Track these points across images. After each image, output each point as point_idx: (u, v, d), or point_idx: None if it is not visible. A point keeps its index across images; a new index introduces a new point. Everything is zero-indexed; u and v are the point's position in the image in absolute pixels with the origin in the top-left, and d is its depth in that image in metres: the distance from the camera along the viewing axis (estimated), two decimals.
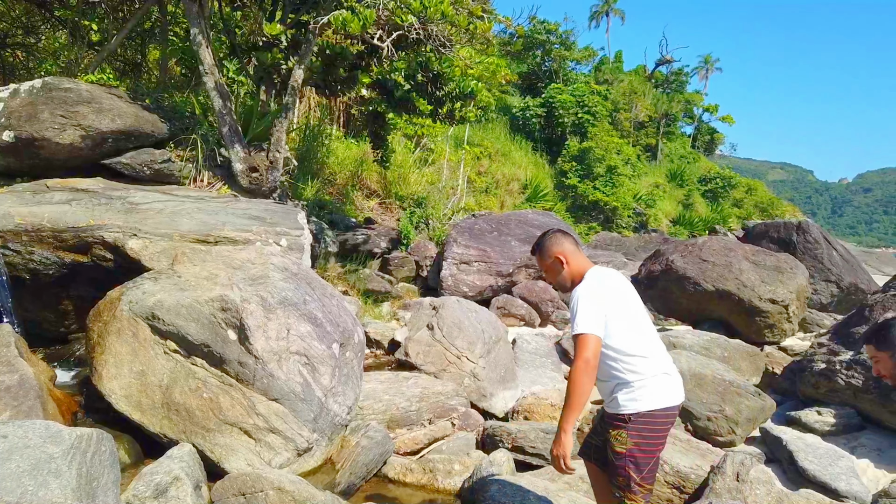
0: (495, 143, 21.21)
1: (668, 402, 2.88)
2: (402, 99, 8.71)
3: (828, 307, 11.03)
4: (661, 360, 2.95)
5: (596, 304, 2.83)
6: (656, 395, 2.85)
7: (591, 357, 2.72)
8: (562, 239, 3.13)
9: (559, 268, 3.08)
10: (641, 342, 2.91)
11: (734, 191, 29.57)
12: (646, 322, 3.03)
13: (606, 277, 3.01)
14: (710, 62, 44.61)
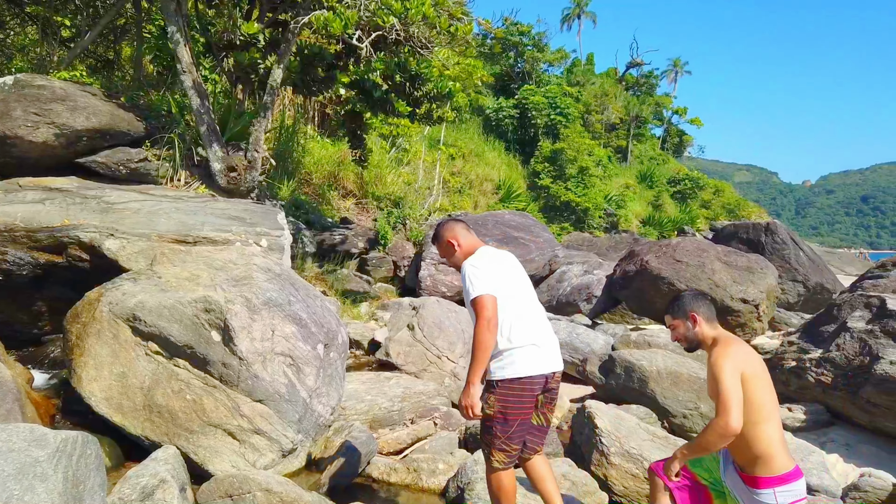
0: (469, 143, 21.30)
1: (532, 371, 3.11)
2: (380, 99, 8.69)
3: (795, 306, 11.32)
4: (534, 332, 3.18)
5: (483, 272, 3.13)
6: (522, 364, 3.09)
7: (492, 315, 3.01)
8: (454, 225, 3.49)
9: (452, 250, 3.40)
10: (517, 313, 3.15)
11: (702, 192, 30.11)
12: (527, 295, 3.31)
13: (492, 254, 3.34)
14: (680, 65, 45.36)
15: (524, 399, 3.11)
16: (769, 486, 2.76)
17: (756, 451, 2.77)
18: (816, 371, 5.85)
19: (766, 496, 2.77)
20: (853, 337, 5.78)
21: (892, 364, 5.18)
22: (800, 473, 2.82)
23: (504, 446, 3.12)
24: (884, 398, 5.22)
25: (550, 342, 3.26)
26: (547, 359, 3.18)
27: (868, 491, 4.58)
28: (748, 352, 2.92)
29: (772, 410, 2.82)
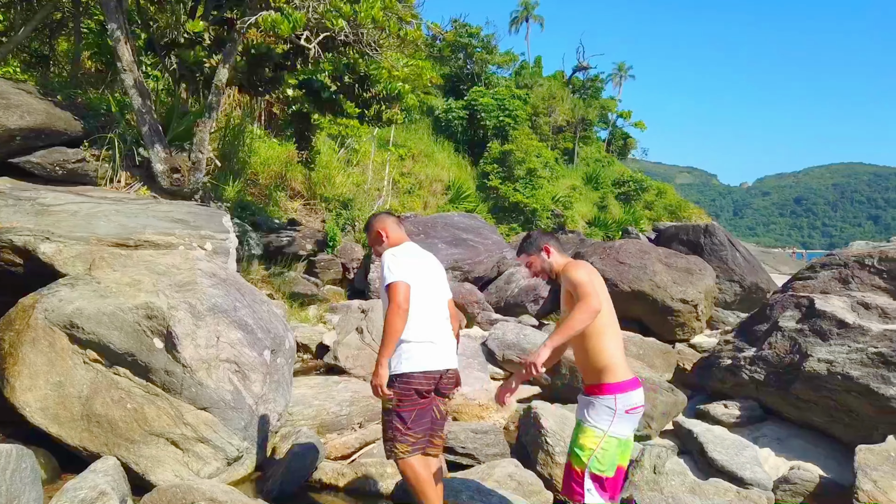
0: (419, 144, 21.32)
1: (426, 367, 3.29)
2: (328, 100, 8.62)
3: (732, 305, 11.77)
4: (433, 330, 3.37)
5: (401, 261, 3.31)
6: (417, 360, 3.27)
7: (403, 301, 3.18)
8: (385, 217, 3.69)
9: (381, 240, 3.59)
10: (422, 310, 3.31)
11: (645, 194, 30.88)
12: (438, 296, 3.51)
13: (415, 250, 3.56)
14: (624, 69, 46.48)
15: (419, 392, 3.29)
16: (611, 392, 3.02)
17: (602, 362, 3.06)
18: (750, 369, 6.11)
19: (607, 401, 3.02)
20: (784, 336, 6.06)
21: (819, 362, 5.46)
22: (638, 384, 3.11)
23: (405, 437, 3.30)
24: (812, 394, 5.50)
25: (447, 341, 3.46)
26: (441, 356, 3.37)
27: (797, 483, 4.82)
28: (596, 272, 3.23)
29: (613, 324, 3.16)
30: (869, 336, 5.36)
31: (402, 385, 3.25)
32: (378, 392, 3.23)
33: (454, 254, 10.81)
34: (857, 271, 6.84)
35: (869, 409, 5.04)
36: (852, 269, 6.89)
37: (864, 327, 5.47)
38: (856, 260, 6.94)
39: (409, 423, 3.30)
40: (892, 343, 5.14)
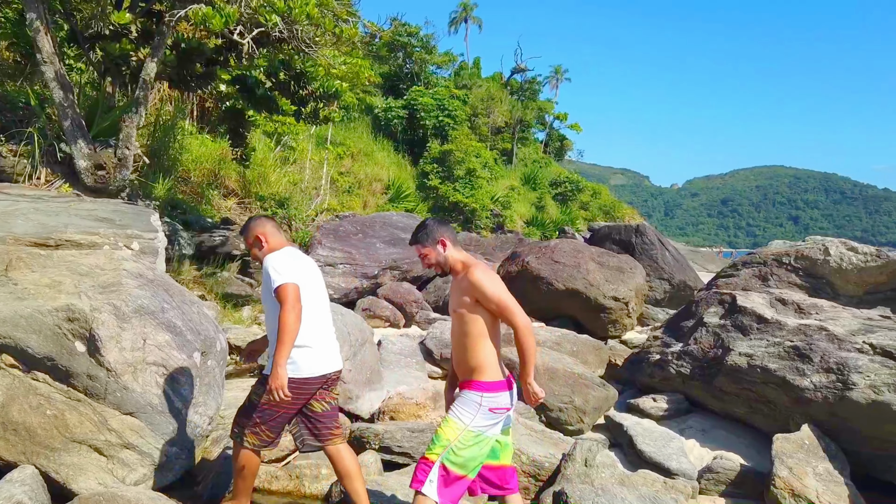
0: (358, 142, 21.16)
1: (312, 373, 3.40)
2: (263, 97, 8.46)
3: (662, 302, 12.20)
4: (319, 335, 3.47)
5: (286, 264, 3.37)
6: (303, 366, 3.35)
7: (295, 301, 3.24)
8: (265, 222, 3.68)
9: (260, 245, 3.59)
10: (306, 314, 3.35)
11: (581, 194, 31.63)
12: (319, 299, 3.57)
13: (296, 254, 3.60)
14: (560, 72, 47.42)
15: (298, 398, 3.36)
16: (479, 390, 3.09)
17: (476, 362, 3.12)
18: (677, 363, 6.35)
19: (474, 396, 3.10)
20: (708, 331, 6.32)
21: (740, 355, 5.73)
22: (508, 387, 3.18)
23: (259, 431, 3.40)
24: (734, 386, 5.76)
25: (332, 345, 3.58)
26: (327, 360, 3.48)
27: (719, 472, 5.04)
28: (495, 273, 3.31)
29: (495, 328, 3.20)
30: (786, 331, 5.65)
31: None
32: (279, 395, 3.21)
33: (392, 253, 10.80)
34: (775, 269, 7.21)
35: (785, 400, 5.31)
36: (771, 268, 7.27)
37: (781, 322, 5.77)
38: (774, 259, 7.31)
39: (269, 421, 3.40)
40: (806, 337, 5.44)
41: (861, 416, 4.75)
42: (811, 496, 4.36)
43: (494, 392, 3.11)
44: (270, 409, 3.38)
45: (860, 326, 5.46)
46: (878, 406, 4.61)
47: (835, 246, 7.23)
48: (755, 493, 4.81)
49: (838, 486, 4.53)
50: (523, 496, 4.59)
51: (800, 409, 5.18)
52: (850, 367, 4.88)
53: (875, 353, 4.94)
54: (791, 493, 4.43)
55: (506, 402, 3.16)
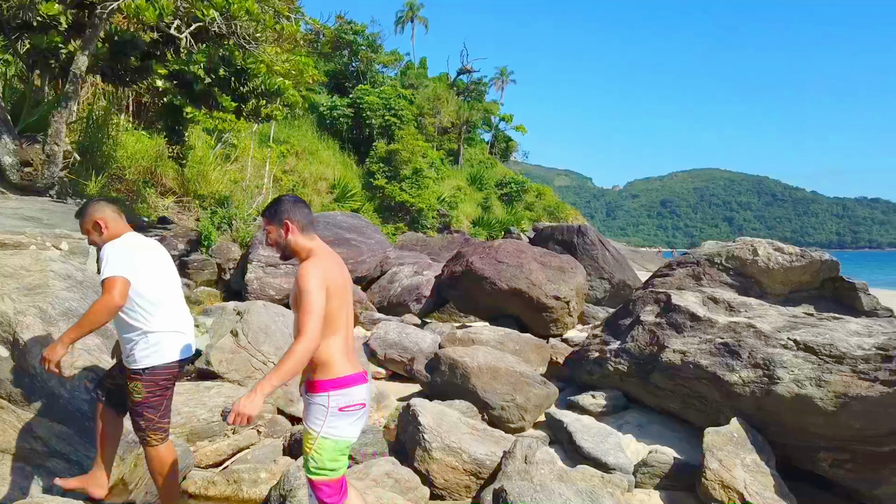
0: (302, 140, 20.89)
1: (174, 357, 3.40)
2: (202, 93, 8.25)
3: (602, 301, 12.49)
4: (176, 319, 3.46)
5: (124, 256, 3.27)
6: (166, 351, 3.35)
7: (119, 297, 3.15)
8: (105, 206, 3.54)
9: (100, 231, 3.47)
10: (160, 301, 3.37)
11: (526, 195, 32.10)
12: (170, 284, 3.52)
13: (139, 241, 3.50)
14: (506, 74, 47.94)
15: (168, 382, 3.40)
16: (324, 390, 2.84)
17: (317, 360, 2.86)
18: (615, 361, 6.50)
19: (321, 398, 2.85)
20: (645, 329, 6.49)
21: (674, 352, 5.91)
22: (359, 381, 2.92)
23: (159, 425, 3.39)
24: (668, 382, 5.93)
25: (191, 329, 3.57)
26: (186, 345, 3.49)
27: (654, 466, 5.19)
28: (334, 265, 2.98)
29: (341, 325, 2.94)
30: (717, 328, 5.86)
31: (154, 377, 3.31)
32: (48, 367, 3.18)
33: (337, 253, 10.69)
34: (707, 269, 7.48)
35: (716, 395, 5.50)
36: (704, 267, 7.53)
37: (712, 320, 5.98)
38: (707, 258, 7.58)
39: (160, 410, 3.39)
40: (735, 334, 5.66)
41: (785, 409, 4.97)
42: (739, 487, 4.54)
43: (342, 388, 2.86)
44: (155, 401, 3.36)
45: (785, 323, 5.71)
46: (800, 399, 4.83)
47: (763, 246, 7.55)
48: (688, 485, 4.97)
49: (765, 476, 4.73)
50: (465, 495, 4.64)
51: (729, 403, 5.38)
52: (775, 362, 5.10)
53: (798, 349, 5.17)
54: (721, 485, 4.60)
55: (360, 396, 2.92)
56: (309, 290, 2.75)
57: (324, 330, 2.79)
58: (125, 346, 3.38)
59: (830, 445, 4.78)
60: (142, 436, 3.40)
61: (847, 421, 4.57)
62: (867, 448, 4.58)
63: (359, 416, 2.95)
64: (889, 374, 4.43)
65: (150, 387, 3.31)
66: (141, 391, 3.31)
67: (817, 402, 4.70)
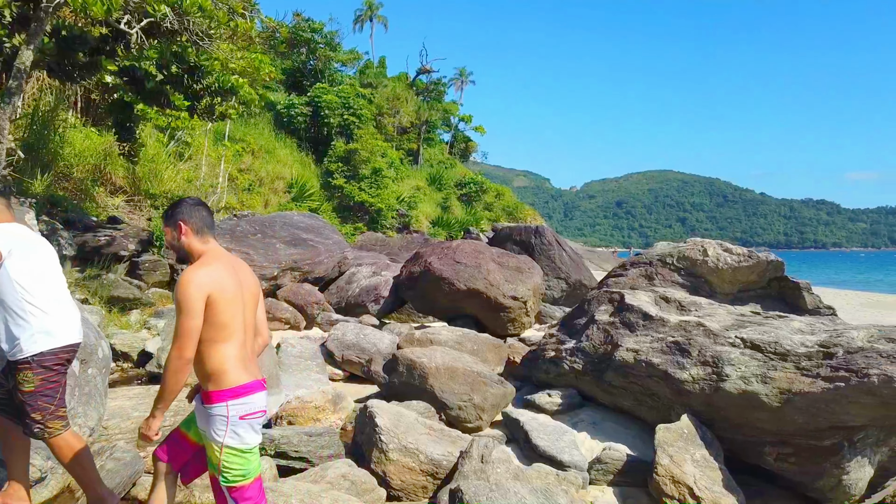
0: (259, 139, 20.57)
1: (62, 342, 3.34)
2: (154, 90, 8.05)
3: (559, 301, 12.66)
4: (59, 306, 3.39)
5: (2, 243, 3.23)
6: (52, 336, 3.29)
7: None
8: None
9: None
10: (43, 289, 3.32)
11: (485, 195, 32.29)
12: (52, 272, 3.46)
13: (19, 231, 3.42)
14: (465, 75, 48.13)
15: (61, 367, 3.33)
16: (221, 400, 2.79)
17: (209, 368, 2.81)
18: (571, 359, 6.60)
19: (219, 409, 2.79)
20: (599, 328, 6.62)
21: (628, 351, 6.03)
22: (257, 388, 2.89)
23: (57, 413, 3.30)
24: (622, 380, 6.06)
25: (76, 315, 3.51)
26: (76, 328, 3.45)
27: (608, 463, 5.29)
28: (223, 269, 2.90)
29: (235, 331, 2.87)
30: (668, 327, 6.01)
31: (46, 362, 3.24)
32: None
33: (293, 254, 10.58)
34: (660, 269, 7.65)
35: (668, 392, 5.64)
36: (656, 267, 7.71)
37: (664, 319, 6.13)
38: (659, 259, 7.76)
39: (55, 397, 3.30)
40: (686, 333, 5.81)
41: (733, 405, 5.13)
42: (689, 482, 4.67)
43: (241, 398, 2.82)
44: (50, 388, 3.27)
45: (733, 322, 5.89)
46: (747, 396, 5.00)
47: (712, 247, 7.76)
48: (640, 481, 5.08)
49: (713, 471, 4.87)
50: (421, 495, 4.65)
51: (680, 400, 5.52)
52: (723, 359, 5.26)
53: (745, 347, 5.34)
54: (672, 480, 4.72)
55: (259, 404, 2.89)
56: (183, 301, 2.72)
57: (214, 338, 2.78)
58: (8, 340, 3.24)
59: (775, 440, 4.95)
60: (40, 429, 3.25)
61: (791, 416, 4.74)
62: (809, 442, 4.76)
63: (260, 423, 2.95)
64: (830, 370, 4.61)
65: (42, 374, 3.22)
66: (32, 380, 3.21)
67: (763, 398, 4.86)
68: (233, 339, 2.85)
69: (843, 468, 4.63)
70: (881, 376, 4.26)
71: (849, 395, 4.40)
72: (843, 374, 4.49)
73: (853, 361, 4.51)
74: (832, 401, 4.49)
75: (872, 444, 4.74)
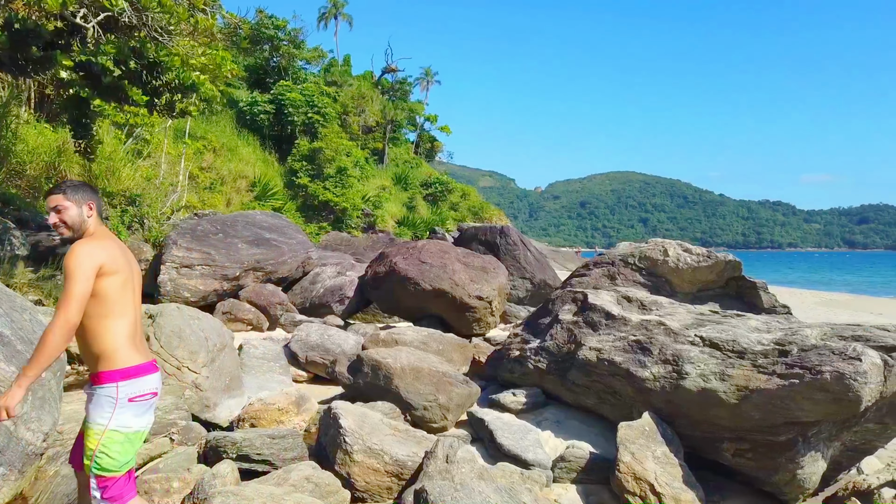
0: (221, 136, 20.22)
1: None
2: (111, 86, 7.82)
3: (524, 301, 12.74)
4: None
5: None
6: None
7: None
8: None
9: None
10: None
11: (451, 195, 32.33)
12: None
13: None
14: (430, 74, 48.10)
15: None
16: (111, 381, 2.77)
17: (101, 347, 2.80)
18: (535, 359, 6.66)
19: (108, 390, 2.77)
20: (563, 328, 6.68)
21: (590, 350, 6.11)
22: (149, 370, 2.89)
23: None
24: (585, 379, 6.13)
25: None
26: None
27: (571, 461, 5.35)
28: (115, 247, 2.93)
29: (126, 308, 2.88)
30: (630, 326, 6.11)
31: None
32: None
33: (256, 254, 10.43)
34: (622, 269, 7.77)
35: (629, 390, 5.73)
36: (618, 267, 7.82)
37: (626, 318, 6.22)
38: (621, 259, 7.88)
39: None
40: (647, 332, 5.91)
41: (692, 402, 5.23)
42: (650, 478, 4.75)
43: (131, 378, 2.79)
44: None
45: (693, 321, 6.01)
46: (706, 393, 5.10)
47: (672, 248, 7.91)
48: (603, 478, 5.15)
49: (674, 467, 4.96)
50: (386, 496, 4.63)
51: (642, 398, 5.61)
52: (683, 358, 5.36)
53: (704, 345, 5.46)
54: (633, 477, 4.79)
55: (150, 385, 2.86)
56: (73, 269, 2.68)
57: (105, 313, 2.76)
58: None
59: (733, 436, 5.07)
60: None
61: (748, 412, 4.86)
62: (765, 438, 4.88)
63: (149, 406, 2.90)
64: (785, 367, 4.74)
65: None
66: None
67: (721, 395, 4.97)
68: (124, 317, 2.85)
69: (798, 463, 4.76)
70: (833, 373, 4.39)
71: (803, 391, 4.53)
72: (797, 371, 4.62)
73: (807, 359, 4.64)
74: (787, 397, 4.62)
75: (825, 439, 4.88)
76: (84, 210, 2.91)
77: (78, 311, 2.66)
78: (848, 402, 4.36)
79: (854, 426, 4.90)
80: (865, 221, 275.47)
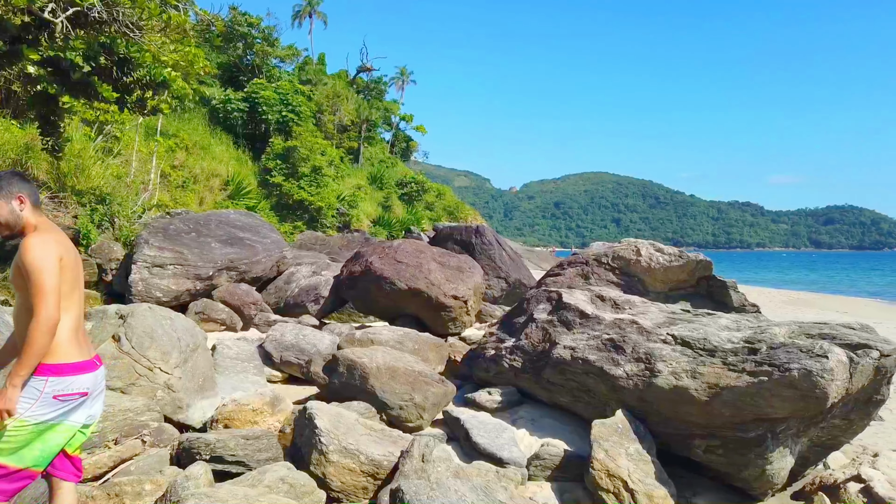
0: (193, 134, 19.98)
1: None
2: (80, 82, 7.69)
3: (499, 300, 12.80)
4: None
5: None
6: None
7: None
8: None
9: None
10: None
11: (426, 195, 32.34)
12: None
13: None
14: (406, 74, 48.04)
15: None
16: (42, 374, 2.72)
17: None
18: (510, 358, 6.69)
19: (36, 382, 2.71)
20: (538, 327, 6.73)
21: (565, 349, 6.16)
22: (86, 368, 2.84)
23: None
24: (559, 377, 6.18)
25: None
26: None
27: (546, 458, 5.39)
28: (65, 240, 2.91)
29: (73, 303, 2.86)
30: (603, 325, 6.17)
31: None
32: None
33: (229, 253, 10.32)
34: (595, 268, 7.85)
35: (603, 389, 5.80)
36: (592, 267, 7.90)
37: (599, 317, 6.29)
38: (594, 258, 7.96)
39: None
40: (620, 330, 5.98)
41: (664, 399, 5.31)
42: (623, 475, 4.81)
43: (63, 376, 2.74)
44: None
45: (665, 319, 6.10)
46: (677, 390, 5.18)
47: (644, 247, 8.02)
48: (577, 475, 5.20)
49: (646, 464, 5.03)
50: (362, 496, 4.62)
51: (615, 395, 5.68)
52: (655, 356, 5.44)
53: (676, 343, 5.55)
54: (607, 474, 4.85)
55: (82, 385, 2.79)
56: (41, 265, 2.64)
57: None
58: None
59: (704, 433, 5.16)
60: None
61: (718, 409, 4.94)
62: (735, 434, 4.98)
63: (77, 405, 2.83)
64: (754, 365, 4.84)
65: None
66: None
67: (692, 392, 5.05)
68: (69, 312, 2.80)
69: (767, 458, 4.86)
70: (801, 370, 4.49)
71: (771, 388, 4.62)
72: (766, 368, 4.72)
73: (775, 356, 4.74)
74: (756, 394, 4.71)
75: (793, 435, 5.00)
76: (15, 205, 2.81)
77: (56, 304, 2.63)
78: (815, 398, 4.47)
79: (821, 422, 5.02)
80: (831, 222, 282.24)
